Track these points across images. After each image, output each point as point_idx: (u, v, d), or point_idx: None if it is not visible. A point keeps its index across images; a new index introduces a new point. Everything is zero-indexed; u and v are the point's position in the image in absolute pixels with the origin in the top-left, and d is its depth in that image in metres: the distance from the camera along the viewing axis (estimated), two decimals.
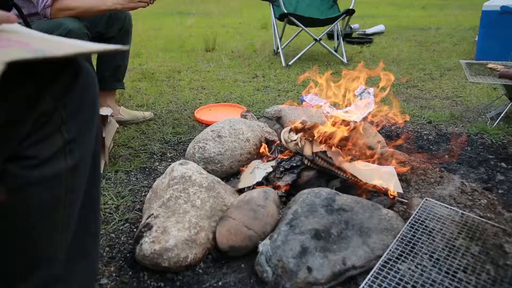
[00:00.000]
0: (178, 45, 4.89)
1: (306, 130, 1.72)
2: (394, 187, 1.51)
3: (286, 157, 1.62)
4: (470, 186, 1.60)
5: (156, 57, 4.25)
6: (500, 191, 1.62)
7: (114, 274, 1.20)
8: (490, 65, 2.44)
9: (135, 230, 1.42)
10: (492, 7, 3.60)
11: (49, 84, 0.60)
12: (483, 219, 1.34)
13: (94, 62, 2.24)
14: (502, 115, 2.28)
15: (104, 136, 1.80)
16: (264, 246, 1.19)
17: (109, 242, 1.35)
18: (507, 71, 2.25)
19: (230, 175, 1.73)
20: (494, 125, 2.26)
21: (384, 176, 1.55)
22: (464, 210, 1.40)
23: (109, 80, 2.27)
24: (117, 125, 1.99)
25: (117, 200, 1.61)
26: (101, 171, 1.79)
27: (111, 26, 2.10)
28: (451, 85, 3.11)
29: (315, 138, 1.66)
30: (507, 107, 2.29)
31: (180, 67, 3.81)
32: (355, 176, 1.50)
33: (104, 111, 1.87)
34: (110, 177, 1.79)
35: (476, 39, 4.04)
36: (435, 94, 2.91)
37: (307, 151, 1.57)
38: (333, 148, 1.65)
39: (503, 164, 1.84)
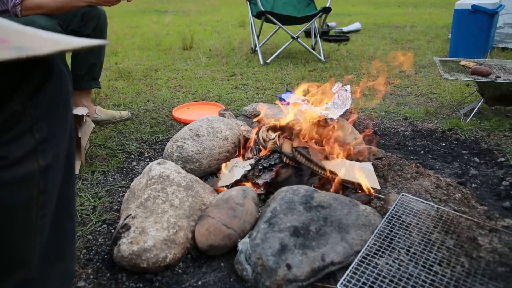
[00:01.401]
0: (155, 43, 4.83)
1: (284, 129, 1.72)
2: (372, 183, 1.53)
3: (265, 155, 1.62)
4: (445, 181, 1.63)
5: (132, 55, 4.20)
6: (473, 185, 1.66)
7: (91, 277, 1.19)
8: (462, 62, 2.50)
9: (112, 231, 1.40)
10: (463, 6, 3.69)
11: (19, 84, 0.59)
12: (458, 213, 1.38)
13: (69, 61, 2.19)
14: (474, 111, 2.34)
15: (80, 136, 1.77)
16: (243, 244, 1.20)
17: (86, 244, 1.33)
18: (478, 67, 2.30)
19: (208, 174, 1.73)
20: (468, 121, 2.31)
21: (362, 173, 1.57)
22: (439, 205, 1.42)
23: (84, 79, 2.23)
24: (93, 125, 1.95)
25: (94, 201, 1.58)
26: (77, 172, 1.76)
27: (85, 24, 2.07)
28: (426, 82, 3.17)
29: (293, 135, 1.67)
30: (479, 103, 2.35)
31: (157, 66, 3.77)
32: (333, 173, 1.51)
33: (79, 110, 1.84)
34: (86, 177, 1.76)
35: (449, 37, 4.13)
36: (411, 91, 2.96)
37: (286, 149, 1.58)
38: (311, 146, 1.66)
39: (476, 159, 1.88)
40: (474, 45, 3.67)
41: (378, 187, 1.53)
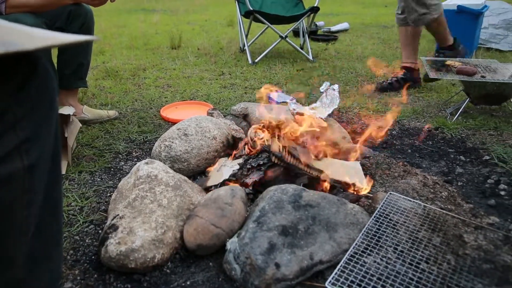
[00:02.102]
0: (142, 42, 4.80)
1: (273, 128, 1.73)
2: (360, 182, 1.54)
3: (253, 154, 1.62)
4: (432, 179, 1.65)
5: (120, 54, 4.17)
6: (459, 183, 1.68)
7: (78, 278, 1.18)
8: (448, 62, 2.52)
9: (100, 231, 1.39)
10: (449, 6, 3.72)
11: (2, 81, 0.58)
12: (444, 211, 1.39)
13: (55, 60, 2.17)
14: (460, 110, 2.37)
15: (66, 136, 1.75)
16: (232, 244, 1.19)
17: (73, 244, 1.32)
18: (464, 67, 2.33)
19: (197, 174, 1.72)
20: (454, 120, 2.34)
21: (350, 172, 1.58)
22: (426, 203, 1.44)
23: (71, 79, 2.21)
24: (80, 125, 1.94)
25: (81, 201, 1.57)
26: (64, 172, 1.74)
27: (71, 22, 2.04)
28: None
29: (282, 135, 1.67)
30: (465, 103, 2.38)
31: (145, 65, 3.75)
32: (321, 172, 1.52)
33: (66, 110, 1.82)
34: (73, 178, 1.74)
35: None
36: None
37: (275, 148, 1.58)
38: (300, 145, 1.66)
39: (462, 157, 1.91)
40: None
41: (365, 186, 1.54)
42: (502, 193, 1.59)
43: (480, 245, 1.26)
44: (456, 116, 2.35)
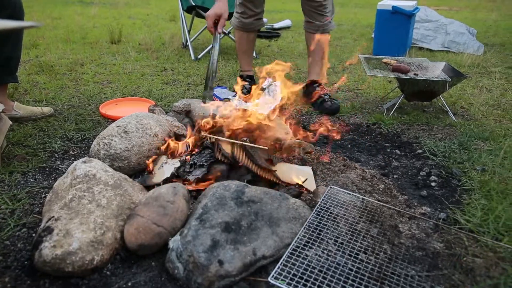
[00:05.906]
0: (80, 36, 4.60)
1: (218, 126, 1.71)
2: (309, 186, 1.55)
3: (196, 151, 1.61)
4: (370, 172, 1.71)
5: (55, 48, 3.96)
6: (395, 176, 1.76)
7: (9, 285, 1.11)
8: (384, 60, 2.63)
9: (34, 235, 1.32)
10: (385, 7, 3.89)
11: None
12: (381, 203, 1.45)
13: None
14: (396, 106, 2.48)
15: None
16: (174, 242, 1.18)
17: (3, 250, 1.24)
18: (398, 65, 2.44)
19: (138, 172, 1.68)
20: (390, 115, 2.44)
21: (301, 175, 1.59)
22: (364, 196, 1.49)
23: None
24: (10, 122, 1.82)
25: (12, 204, 1.48)
26: None
27: None
28: (353, 78, 3.30)
29: (228, 131, 1.67)
30: (400, 99, 2.49)
31: (83, 60, 3.59)
32: (271, 173, 1.52)
33: None
34: (3, 179, 1.64)
35: (373, 35, 4.34)
36: (338, 87, 3.07)
37: (226, 147, 1.56)
38: (245, 141, 1.66)
39: (398, 151, 2.00)
40: (394, 44, 3.89)
41: (313, 188, 1.55)
42: (433, 184, 1.69)
43: (414, 234, 1.33)
44: (392, 111, 2.46)
